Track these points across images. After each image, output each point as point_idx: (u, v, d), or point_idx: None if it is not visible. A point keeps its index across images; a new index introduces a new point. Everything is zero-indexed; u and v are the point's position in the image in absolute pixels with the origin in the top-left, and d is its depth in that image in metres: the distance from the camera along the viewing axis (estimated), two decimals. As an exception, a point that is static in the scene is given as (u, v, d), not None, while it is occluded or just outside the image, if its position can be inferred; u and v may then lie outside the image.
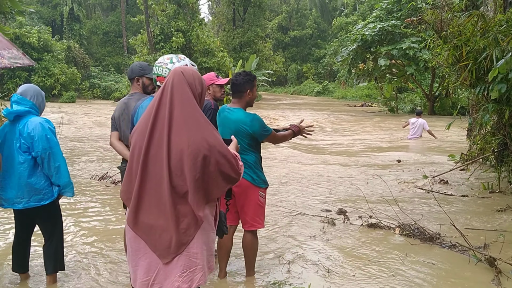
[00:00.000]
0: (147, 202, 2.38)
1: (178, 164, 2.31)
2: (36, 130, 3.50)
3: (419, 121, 14.38)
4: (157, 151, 2.36)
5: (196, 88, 2.47)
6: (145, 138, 2.38)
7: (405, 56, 21.76)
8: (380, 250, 4.82)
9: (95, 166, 9.65)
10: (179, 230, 2.34)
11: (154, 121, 2.38)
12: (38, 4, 49.24)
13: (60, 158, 3.59)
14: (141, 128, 2.45)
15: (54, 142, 3.56)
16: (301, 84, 54.36)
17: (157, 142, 2.36)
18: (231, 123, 3.81)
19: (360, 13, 42.12)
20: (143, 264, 2.42)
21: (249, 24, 45.94)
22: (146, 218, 2.39)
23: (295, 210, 6.27)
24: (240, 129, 3.77)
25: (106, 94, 38.97)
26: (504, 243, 4.70)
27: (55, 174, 3.57)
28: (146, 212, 2.39)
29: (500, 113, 6.70)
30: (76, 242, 5.05)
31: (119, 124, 4.03)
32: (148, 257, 2.40)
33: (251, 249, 4.01)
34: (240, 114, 3.82)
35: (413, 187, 7.84)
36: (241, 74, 3.90)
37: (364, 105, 33.88)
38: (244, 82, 3.85)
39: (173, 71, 2.47)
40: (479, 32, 6.52)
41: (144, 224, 2.39)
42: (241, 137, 3.75)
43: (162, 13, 32.43)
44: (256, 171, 3.90)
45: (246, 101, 3.92)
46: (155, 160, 2.36)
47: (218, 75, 4.58)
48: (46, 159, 3.51)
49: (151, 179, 2.38)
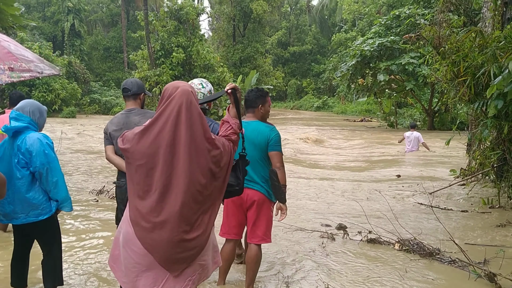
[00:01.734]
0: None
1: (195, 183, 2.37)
2: (34, 146, 3.50)
3: (414, 134, 14.47)
4: (178, 168, 2.37)
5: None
6: (165, 153, 2.36)
7: (404, 72, 21.87)
8: (379, 265, 4.79)
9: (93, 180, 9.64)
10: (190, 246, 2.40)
11: (174, 141, 2.37)
12: (40, 20, 49.66)
13: (58, 173, 3.59)
14: (153, 145, 2.40)
15: (52, 157, 3.56)
16: (301, 99, 54.58)
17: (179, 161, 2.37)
18: (249, 132, 3.80)
19: (359, 29, 42.40)
20: (150, 275, 2.41)
21: (249, 40, 46.29)
22: (158, 234, 2.39)
23: (294, 225, 6.25)
24: (260, 138, 3.85)
25: (106, 109, 39.13)
26: (504, 258, 4.68)
27: (53, 189, 3.57)
28: (157, 228, 2.39)
29: (499, 128, 6.72)
30: (75, 257, 5.02)
31: (115, 138, 3.92)
32: (153, 270, 2.40)
33: (256, 262, 4.00)
34: (259, 124, 3.96)
35: (412, 202, 7.82)
36: (253, 90, 4.07)
37: (364, 120, 34.00)
38: (256, 97, 4.01)
39: (182, 91, 2.44)
40: (477, 48, 6.57)
41: (153, 240, 2.40)
42: (258, 147, 3.85)
43: (162, 29, 32.65)
44: (270, 186, 3.94)
45: (260, 116, 4.03)
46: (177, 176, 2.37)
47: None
48: (44, 174, 3.51)
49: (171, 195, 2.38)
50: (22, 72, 5.20)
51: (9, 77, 5.04)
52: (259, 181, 3.91)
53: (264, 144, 3.87)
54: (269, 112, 4.14)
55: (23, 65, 5.22)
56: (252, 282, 4.07)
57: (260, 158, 3.90)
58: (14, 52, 5.27)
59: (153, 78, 30.45)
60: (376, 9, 40.41)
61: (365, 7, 42.91)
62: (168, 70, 30.99)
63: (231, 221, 4.07)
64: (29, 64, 5.31)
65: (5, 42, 5.37)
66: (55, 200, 3.64)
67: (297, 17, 62.55)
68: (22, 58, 5.31)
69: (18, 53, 5.32)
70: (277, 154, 3.93)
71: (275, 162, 3.93)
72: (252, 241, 3.99)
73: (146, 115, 3.92)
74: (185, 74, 32.08)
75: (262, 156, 3.90)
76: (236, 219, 4.03)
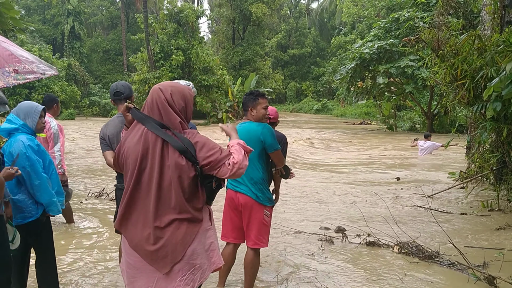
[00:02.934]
0: (137, 216, 2.48)
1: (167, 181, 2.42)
2: (16, 148, 3.50)
3: (427, 144, 14.89)
4: (150, 170, 2.46)
5: (177, 103, 2.51)
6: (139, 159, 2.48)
7: (404, 74, 21.89)
8: (378, 268, 4.79)
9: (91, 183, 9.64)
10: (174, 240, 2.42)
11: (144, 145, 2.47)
12: (40, 23, 49.68)
13: (40, 176, 3.57)
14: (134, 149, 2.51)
15: (33, 160, 3.53)
16: (300, 101, 54.56)
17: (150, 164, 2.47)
18: (243, 133, 3.78)
19: (359, 32, 42.47)
20: (142, 276, 2.45)
21: (248, 43, 46.32)
22: (140, 231, 2.45)
23: (293, 228, 6.24)
24: (251, 137, 3.78)
25: (105, 111, 39.14)
26: (503, 261, 4.68)
27: (36, 192, 3.57)
28: (139, 226, 2.45)
29: (498, 131, 6.73)
30: (73, 262, 5.00)
31: (113, 142, 3.96)
32: (146, 269, 2.44)
33: (252, 267, 3.98)
34: (251, 124, 3.91)
35: (411, 205, 7.82)
36: (247, 93, 4.04)
37: (363, 123, 34.01)
38: (247, 100, 3.98)
39: (152, 90, 2.55)
40: (476, 51, 6.58)
41: (137, 237, 2.44)
42: (252, 147, 3.75)
43: (162, 32, 32.69)
44: (262, 189, 3.89)
45: (253, 118, 3.95)
46: (148, 178, 2.46)
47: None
48: (25, 177, 3.51)
49: (141, 194, 2.47)
50: (26, 74, 5.21)
51: (15, 79, 5.04)
52: (248, 183, 3.86)
53: (257, 141, 3.79)
54: (264, 114, 3.98)
55: (27, 67, 5.23)
56: (251, 285, 4.06)
57: (256, 158, 3.83)
58: (16, 54, 5.27)
59: (152, 80, 30.45)
60: (376, 12, 40.43)
61: (364, 10, 42.92)
62: (168, 73, 31.02)
63: (228, 224, 4.05)
64: (31, 66, 5.32)
65: (4, 43, 5.36)
66: (40, 204, 3.63)
67: (297, 20, 62.59)
68: (25, 59, 5.32)
69: (19, 54, 5.32)
70: (277, 153, 3.90)
71: (277, 161, 3.97)
72: (247, 245, 3.98)
73: None
74: (184, 77, 32.09)
75: (257, 156, 3.84)
76: (232, 223, 4.01)
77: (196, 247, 2.46)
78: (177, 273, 2.42)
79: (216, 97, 32.28)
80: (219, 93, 32.89)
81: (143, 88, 30.83)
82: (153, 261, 2.41)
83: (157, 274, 2.42)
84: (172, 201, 2.41)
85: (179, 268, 2.42)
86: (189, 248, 2.44)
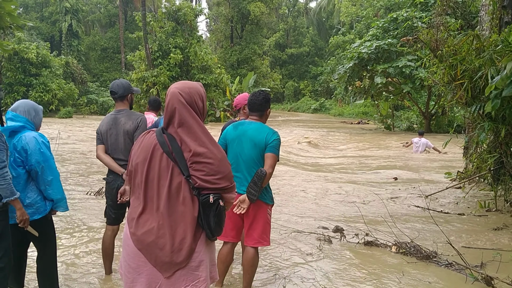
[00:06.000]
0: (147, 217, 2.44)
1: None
2: (29, 144, 3.50)
3: (422, 141, 15.23)
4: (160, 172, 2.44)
5: (197, 104, 2.48)
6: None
7: (401, 74, 21.90)
8: (376, 268, 4.79)
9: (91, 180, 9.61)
10: (177, 245, 2.37)
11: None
12: (37, 20, 49.56)
13: (54, 172, 3.59)
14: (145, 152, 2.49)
15: (47, 156, 3.55)
16: (298, 101, 54.63)
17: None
18: (253, 131, 3.86)
19: (357, 32, 42.48)
20: (143, 281, 2.41)
21: (246, 42, 46.34)
22: (147, 234, 2.41)
23: (291, 227, 6.24)
24: (259, 136, 3.84)
25: (103, 109, 39.09)
26: (501, 262, 4.69)
27: (48, 188, 3.57)
28: (147, 228, 2.42)
29: (496, 131, 6.73)
30: (73, 259, 4.99)
31: (106, 138, 4.26)
32: (148, 273, 2.40)
33: (252, 265, 3.98)
34: (263, 125, 3.96)
35: (409, 204, 7.83)
36: (261, 94, 4.04)
37: (361, 122, 34.05)
38: (265, 101, 4.02)
39: (170, 93, 2.46)
40: (474, 52, 6.58)
41: (145, 239, 2.41)
42: (258, 146, 3.84)
43: (160, 30, 32.62)
44: (266, 187, 3.92)
45: (266, 118, 4.07)
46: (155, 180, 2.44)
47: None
48: (39, 172, 3.51)
49: (152, 195, 2.44)
50: None
51: None
52: None
53: (263, 144, 3.83)
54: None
55: None
56: (249, 284, 4.05)
57: (258, 158, 3.86)
58: None
59: (150, 79, 30.41)
60: (374, 12, 40.50)
61: (362, 10, 43.00)
62: (166, 71, 30.96)
63: (228, 224, 4.03)
64: None
65: None
66: (50, 200, 3.63)
67: (295, 19, 62.63)
68: None
69: None
70: (273, 156, 3.87)
71: (268, 164, 3.85)
72: (248, 244, 3.97)
73: (131, 117, 4.22)
74: (182, 75, 32.06)
75: (259, 156, 3.86)
76: (232, 222, 4.00)
77: (205, 259, 2.44)
78: (180, 281, 2.38)
79: (214, 96, 32.25)
80: (217, 92, 32.86)
81: (141, 86, 30.76)
82: (157, 263, 2.38)
83: (159, 280, 2.38)
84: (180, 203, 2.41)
85: (183, 275, 2.38)
86: (197, 258, 2.41)
